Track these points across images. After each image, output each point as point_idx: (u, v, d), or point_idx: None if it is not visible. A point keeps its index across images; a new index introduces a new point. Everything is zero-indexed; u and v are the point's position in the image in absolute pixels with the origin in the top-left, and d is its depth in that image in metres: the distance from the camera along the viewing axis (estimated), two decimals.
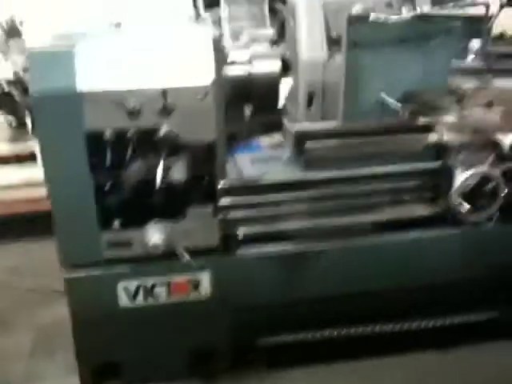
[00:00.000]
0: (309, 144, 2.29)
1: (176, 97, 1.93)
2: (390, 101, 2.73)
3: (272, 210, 2.23)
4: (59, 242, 2.09)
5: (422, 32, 2.70)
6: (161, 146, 1.98)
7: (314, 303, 2.33)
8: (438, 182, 2.28)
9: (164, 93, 1.92)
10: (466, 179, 2.13)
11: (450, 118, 2.27)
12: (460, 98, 2.23)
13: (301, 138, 2.37)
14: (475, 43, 2.22)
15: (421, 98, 2.54)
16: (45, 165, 1.99)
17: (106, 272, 2.13)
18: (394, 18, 2.67)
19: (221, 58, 2.01)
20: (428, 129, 2.32)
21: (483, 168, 2.14)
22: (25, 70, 2.41)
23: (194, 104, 1.96)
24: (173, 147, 1.99)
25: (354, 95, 2.83)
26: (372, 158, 2.35)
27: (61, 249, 2.11)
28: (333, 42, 2.68)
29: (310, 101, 2.71)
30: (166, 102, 1.93)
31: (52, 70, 1.89)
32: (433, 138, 2.28)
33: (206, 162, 2.05)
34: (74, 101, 1.89)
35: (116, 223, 2.07)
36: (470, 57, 2.22)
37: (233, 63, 2.11)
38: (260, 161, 2.46)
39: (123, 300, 2.17)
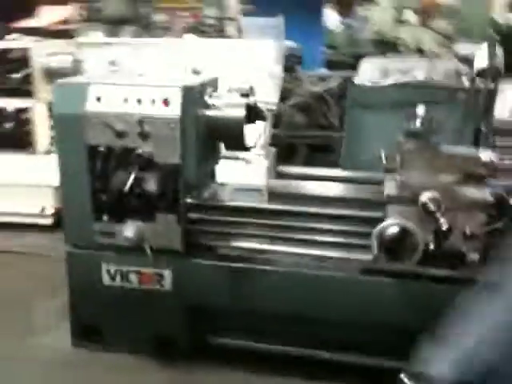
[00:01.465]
0: (271, 182, 2.71)
1: (151, 124, 2.53)
2: (382, 156, 3.02)
3: (228, 230, 2.68)
4: (66, 226, 2.80)
5: (417, 98, 2.97)
6: (138, 163, 2.58)
7: (257, 316, 2.70)
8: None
9: (141, 120, 2.52)
10: (383, 228, 2.35)
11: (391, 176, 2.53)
12: (402, 158, 2.47)
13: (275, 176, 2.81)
14: (421, 109, 2.43)
15: None
16: (60, 169, 2.72)
17: (95, 254, 2.77)
18: (384, 83, 2.99)
19: (192, 100, 2.56)
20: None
21: (399, 220, 2.34)
22: None
23: (165, 133, 2.54)
24: (147, 164, 2.58)
25: (354, 149, 3.18)
26: (331, 201, 2.68)
27: (66, 232, 2.81)
28: None
29: None
30: (142, 128, 2.54)
31: (69, 99, 2.63)
32: (379, 191, 2.54)
33: (171, 180, 2.60)
34: (81, 121, 2.59)
35: (105, 217, 2.71)
36: (417, 121, 2.44)
37: (209, 107, 2.64)
38: (243, 190, 2.90)
39: (106, 279, 2.79)
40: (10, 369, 2.76)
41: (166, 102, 2.52)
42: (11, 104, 4.19)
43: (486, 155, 2.44)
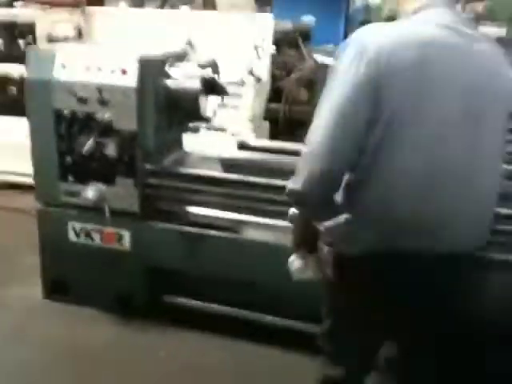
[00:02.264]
0: (230, 153, 2.82)
1: (109, 92, 2.67)
2: None
3: (183, 196, 2.81)
4: (36, 185, 3.00)
5: None
6: (97, 128, 2.73)
7: (205, 278, 2.84)
8: None
9: (100, 87, 2.67)
10: None
11: None
12: None
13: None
14: None
15: None
16: (30, 131, 2.89)
17: (62, 212, 2.96)
18: None
19: (150, 71, 2.68)
20: None
21: None
22: None
23: (123, 100, 2.68)
24: (106, 130, 2.73)
25: None
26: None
27: (37, 190, 3.01)
28: None
29: None
30: (102, 95, 2.68)
31: (39, 65, 2.79)
32: None
33: (129, 146, 2.74)
34: (47, 86, 2.75)
35: (70, 178, 2.88)
36: None
37: (168, 78, 2.75)
38: (207, 159, 3.02)
39: (71, 236, 2.97)
40: None
41: (123, 72, 2.66)
42: (17, 70, 4.41)
43: None
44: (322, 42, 6.58)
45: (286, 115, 5.31)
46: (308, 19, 7.31)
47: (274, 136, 5.12)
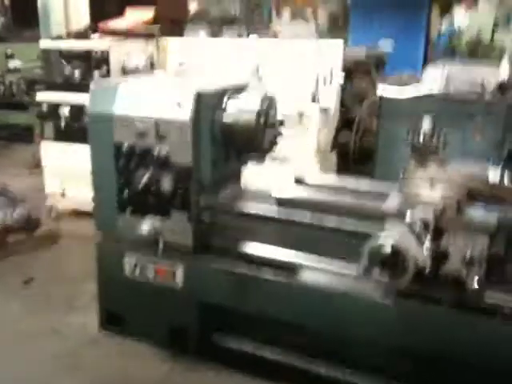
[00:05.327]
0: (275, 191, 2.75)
1: (166, 126, 2.66)
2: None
3: (236, 233, 2.75)
4: (96, 216, 3.02)
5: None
6: (154, 162, 2.73)
7: (256, 318, 2.75)
8: None
9: (157, 122, 2.67)
10: (371, 244, 2.28)
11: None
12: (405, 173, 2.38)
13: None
14: (426, 122, 2.32)
15: None
16: (91, 162, 2.94)
17: (118, 243, 2.96)
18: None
19: (205, 105, 2.65)
20: None
21: (389, 237, 2.26)
22: None
23: (179, 134, 2.66)
24: (163, 164, 2.72)
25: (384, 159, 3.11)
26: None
27: (96, 221, 3.03)
28: None
29: None
30: (158, 130, 2.68)
31: (101, 99, 2.84)
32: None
33: (184, 180, 2.71)
34: (108, 120, 2.79)
35: (128, 211, 2.89)
36: (421, 135, 2.33)
37: (224, 111, 2.72)
38: (260, 196, 2.93)
39: (127, 270, 2.97)
40: (39, 340, 3.10)
41: (179, 106, 2.64)
42: None
43: (495, 175, 2.29)
44: (400, 68, 6.42)
45: (356, 145, 5.17)
46: (385, 43, 7.17)
47: (343, 167, 5.00)
